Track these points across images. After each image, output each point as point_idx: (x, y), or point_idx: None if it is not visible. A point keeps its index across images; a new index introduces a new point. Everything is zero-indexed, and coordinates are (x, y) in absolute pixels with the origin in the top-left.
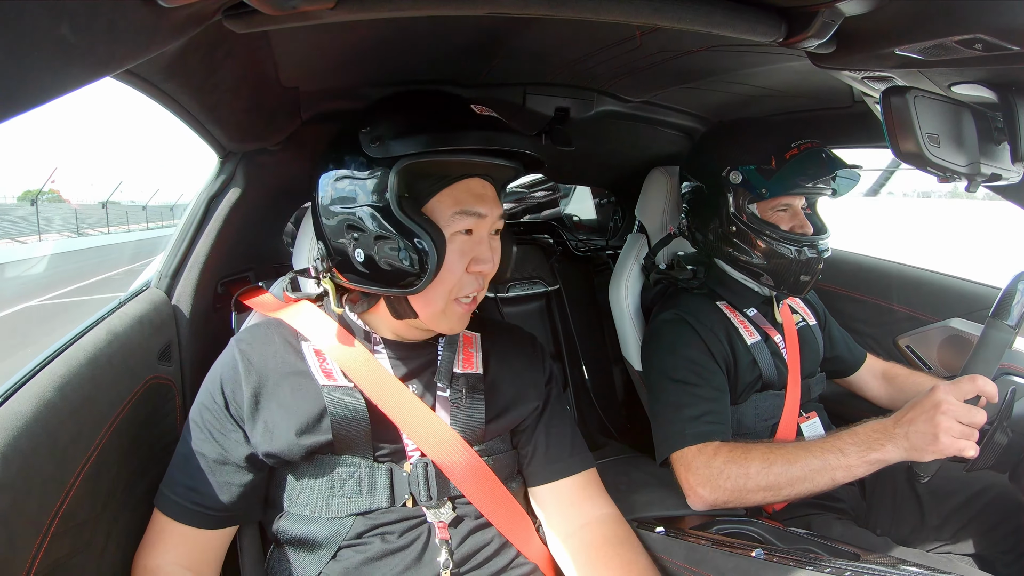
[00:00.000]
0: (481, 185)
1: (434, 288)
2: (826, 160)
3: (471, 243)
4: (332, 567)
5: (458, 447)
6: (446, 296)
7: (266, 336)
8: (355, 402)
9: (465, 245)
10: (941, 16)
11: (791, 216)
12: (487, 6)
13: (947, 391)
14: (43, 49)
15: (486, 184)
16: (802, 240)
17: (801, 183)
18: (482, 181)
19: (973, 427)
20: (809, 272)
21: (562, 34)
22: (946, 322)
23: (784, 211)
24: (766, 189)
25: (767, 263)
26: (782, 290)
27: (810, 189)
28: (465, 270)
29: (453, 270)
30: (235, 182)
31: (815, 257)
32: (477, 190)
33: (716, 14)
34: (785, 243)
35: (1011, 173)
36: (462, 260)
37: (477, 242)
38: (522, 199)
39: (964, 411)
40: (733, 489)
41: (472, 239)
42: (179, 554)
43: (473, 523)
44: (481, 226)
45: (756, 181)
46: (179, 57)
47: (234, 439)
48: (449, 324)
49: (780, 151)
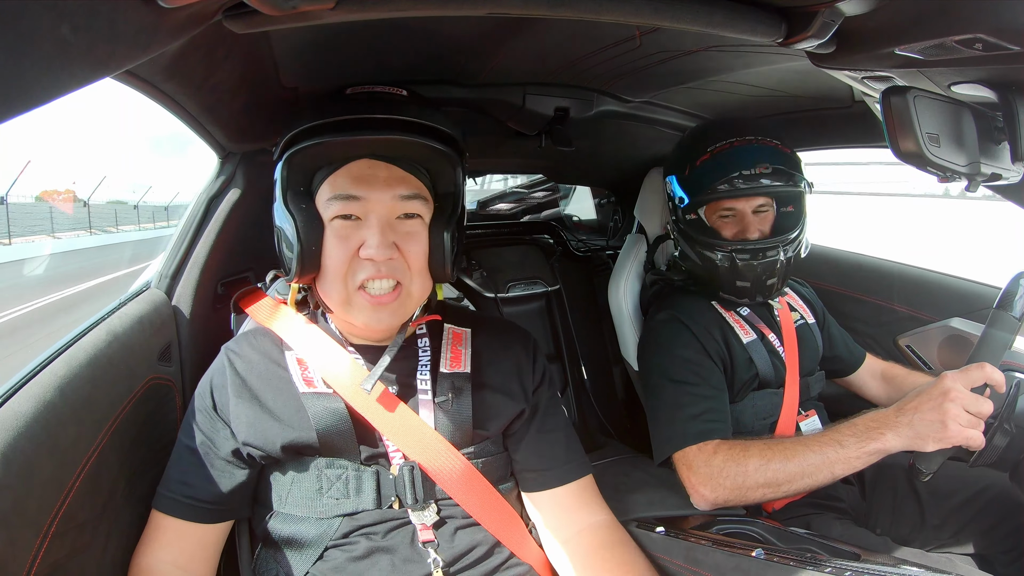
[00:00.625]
0: (368, 166)
1: (325, 277)
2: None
3: (354, 228)
4: (320, 567)
5: (442, 451)
6: (341, 284)
7: (252, 346)
8: (336, 408)
9: (346, 230)
10: (941, 16)
11: (736, 221)
12: (487, 6)
13: (955, 379)
14: (43, 49)
15: (376, 164)
16: (729, 245)
17: (713, 186)
18: (370, 162)
19: (980, 417)
20: (747, 278)
21: (562, 34)
22: (946, 322)
23: (729, 217)
24: (681, 197)
25: (702, 269)
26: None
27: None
28: (356, 256)
29: (331, 255)
30: (235, 182)
31: (750, 262)
32: (360, 172)
33: (716, 14)
34: (710, 250)
35: (1011, 173)
36: (343, 246)
37: (361, 226)
38: (522, 199)
39: (972, 400)
40: (733, 487)
41: (356, 224)
42: (173, 552)
43: (461, 523)
44: (366, 208)
45: (677, 190)
46: (179, 57)
47: (222, 435)
48: (363, 318)
49: (694, 158)
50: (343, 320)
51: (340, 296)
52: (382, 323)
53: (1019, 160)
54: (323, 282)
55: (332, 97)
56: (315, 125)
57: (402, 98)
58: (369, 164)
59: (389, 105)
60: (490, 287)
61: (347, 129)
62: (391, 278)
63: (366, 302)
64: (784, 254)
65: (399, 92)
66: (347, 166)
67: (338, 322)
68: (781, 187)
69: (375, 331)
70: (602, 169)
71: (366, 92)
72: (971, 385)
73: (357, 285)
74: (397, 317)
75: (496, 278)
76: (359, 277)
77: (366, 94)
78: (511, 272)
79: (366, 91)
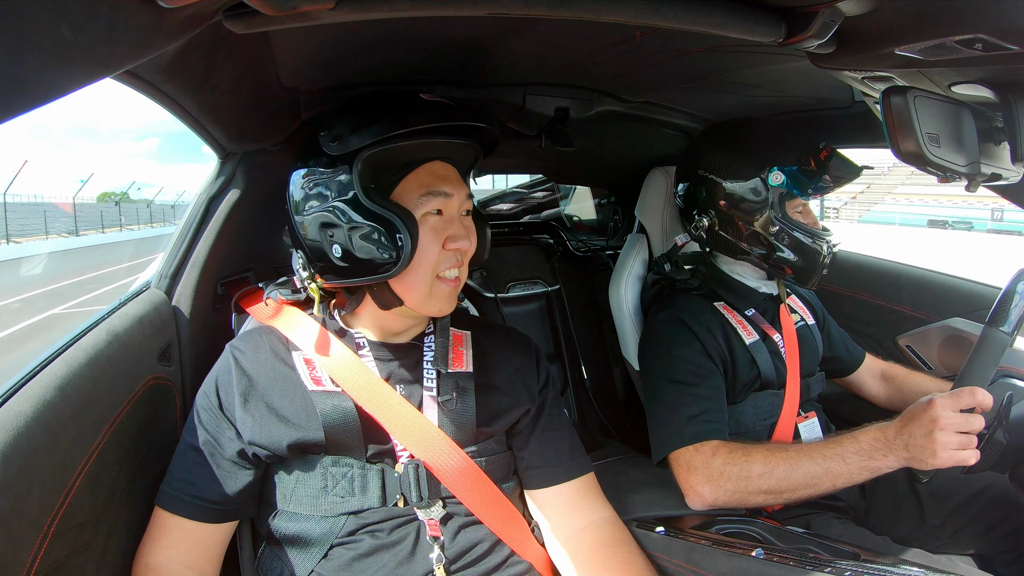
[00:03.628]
0: (443, 167)
1: (414, 270)
2: (848, 161)
3: (443, 222)
4: (324, 565)
5: (447, 449)
6: (428, 276)
7: (258, 344)
8: (344, 406)
9: (437, 224)
10: (941, 16)
11: (805, 215)
12: (487, 6)
13: (944, 405)
14: (43, 49)
15: (448, 166)
16: (824, 235)
17: (836, 182)
18: (443, 164)
19: (971, 434)
20: (828, 266)
21: (562, 34)
22: (946, 322)
23: (800, 211)
24: (812, 189)
25: (799, 259)
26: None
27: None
28: (442, 248)
29: (428, 249)
30: (235, 182)
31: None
32: (440, 172)
33: (716, 14)
34: (817, 240)
35: (1011, 173)
36: (436, 239)
37: (449, 221)
38: (522, 199)
39: (961, 421)
40: (734, 490)
41: (443, 219)
42: (179, 551)
43: (464, 520)
44: (450, 205)
45: (799, 181)
46: (179, 57)
47: (228, 436)
48: (438, 305)
49: (815, 151)
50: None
51: (425, 287)
52: (451, 306)
53: (1019, 160)
54: (409, 275)
55: (407, 101)
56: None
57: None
58: (444, 165)
59: (461, 112)
60: (490, 287)
61: (436, 133)
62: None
63: (446, 288)
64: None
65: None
66: (427, 166)
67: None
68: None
69: (440, 315)
70: (602, 169)
71: (438, 101)
72: (960, 408)
73: (437, 275)
74: (456, 299)
75: (496, 278)
76: (446, 265)
77: (439, 102)
78: (511, 272)
79: (437, 100)
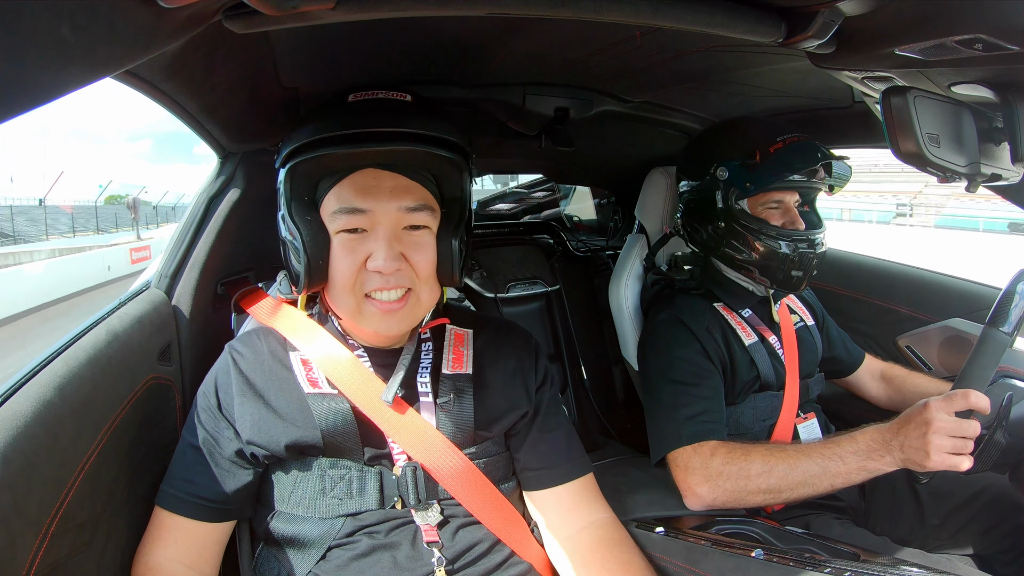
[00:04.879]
0: (372, 176)
1: (333, 288)
2: (811, 152)
3: (360, 241)
4: (322, 566)
5: (445, 451)
6: (349, 296)
7: (256, 346)
8: (341, 408)
9: (352, 243)
10: (941, 16)
11: (783, 212)
12: (487, 6)
13: (938, 408)
14: (43, 49)
15: (381, 174)
16: (792, 235)
17: (785, 176)
18: (375, 172)
19: (967, 439)
20: (802, 267)
21: (562, 34)
22: (946, 322)
23: (776, 208)
24: (750, 183)
25: (759, 259)
26: (777, 287)
27: (796, 183)
28: (363, 267)
29: (339, 269)
30: (235, 182)
31: (807, 252)
32: (365, 183)
33: (716, 14)
34: (777, 239)
35: (1011, 173)
36: (351, 258)
37: (371, 239)
38: (522, 199)
39: (956, 426)
40: (733, 490)
41: (363, 237)
42: (179, 550)
43: (462, 521)
44: (372, 221)
45: (741, 176)
46: (179, 57)
47: (226, 435)
48: (372, 325)
49: (764, 145)
50: (350, 325)
51: (349, 306)
52: (391, 330)
53: (1019, 160)
54: (331, 292)
55: (334, 105)
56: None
57: (406, 104)
58: (374, 174)
59: (394, 114)
60: (490, 287)
61: (352, 140)
62: (400, 287)
63: (376, 310)
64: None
65: (403, 97)
66: (352, 176)
67: (346, 324)
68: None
69: (385, 338)
70: (602, 169)
71: (369, 99)
72: (954, 411)
73: (365, 294)
74: (407, 323)
75: (496, 278)
76: (367, 287)
77: (370, 101)
78: (511, 272)
79: (369, 98)
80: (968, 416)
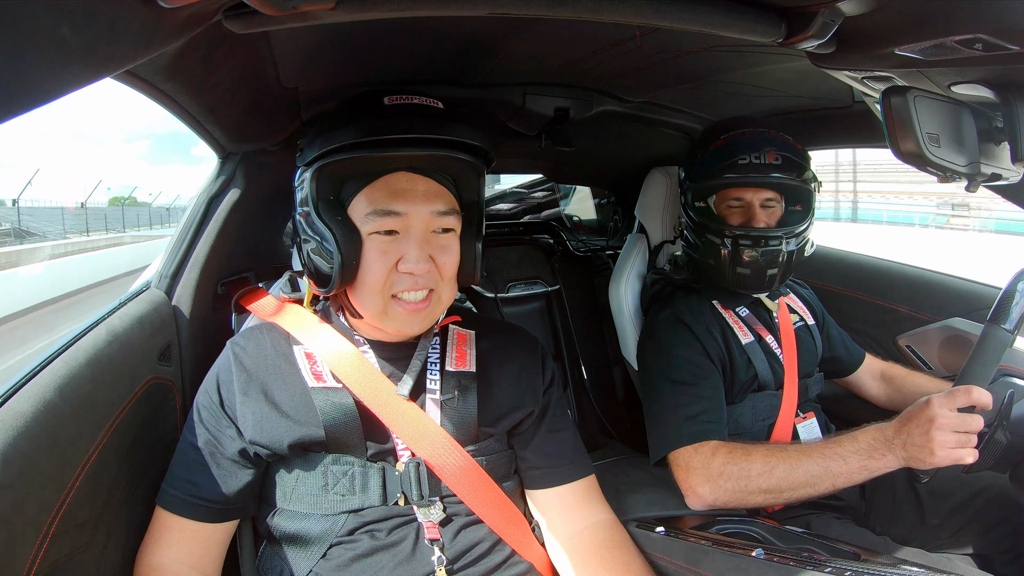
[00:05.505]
0: (406, 180)
1: (361, 288)
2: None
3: (393, 243)
4: (323, 565)
5: (448, 447)
6: (377, 296)
7: (259, 340)
8: (345, 403)
9: (386, 245)
10: (941, 16)
11: (743, 212)
12: (487, 6)
13: (941, 404)
14: (43, 49)
15: (414, 178)
16: (736, 232)
17: (718, 167)
18: (408, 175)
19: (970, 433)
20: (748, 265)
21: (562, 34)
22: (946, 322)
23: (737, 206)
24: (691, 180)
25: (708, 258)
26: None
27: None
28: (394, 269)
29: (372, 270)
30: (235, 182)
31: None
32: (399, 185)
33: (716, 14)
34: (721, 235)
35: (1011, 173)
36: (384, 260)
37: (403, 241)
38: (522, 199)
39: (959, 421)
40: (734, 490)
41: (395, 239)
42: (181, 550)
43: (465, 520)
44: (406, 224)
45: (690, 173)
46: (179, 57)
47: (228, 434)
48: (396, 325)
49: (707, 144)
50: (370, 324)
51: (376, 306)
52: (415, 329)
53: (1019, 160)
54: (359, 293)
55: (370, 107)
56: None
57: (441, 111)
58: (408, 178)
59: (434, 120)
60: (490, 287)
61: (392, 144)
62: (425, 288)
63: (402, 311)
64: (787, 246)
65: (436, 104)
66: (384, 178)
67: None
68: (788, 180)
69: (405, 335)
70: (602, 169)
71: (407, 103)
72: (957, 407)
73: (392, 294)
74: (428, 321)
75: (496, 278)
76: (399, 287)
77: (408, 106)
78: (511, 272)
79: (406, 102)
80: (971, 412)
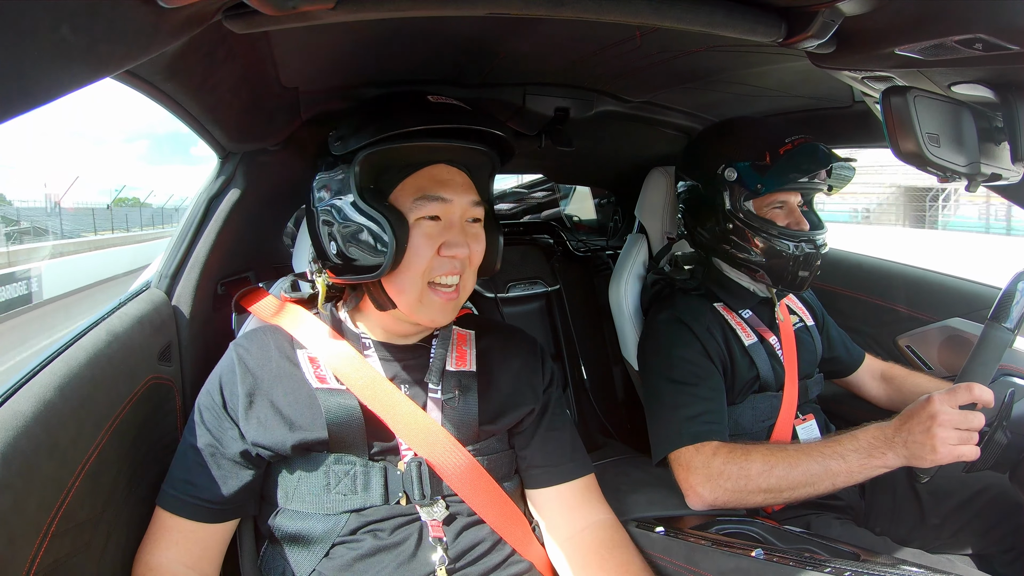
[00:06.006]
0: (447, 171)
1: (403, 274)
2: (820, 154)
3: (439, 228)
4: (325, 564)
5: (450, 447)
6: (418, 281)
7: (262, 342)
8: (348, 404)
9: (432, 230)
10: (941, 16)
11: (787, 213)
12: (487, 6)
13: (942, 401)
14: (43, 49)
15: (453, 170)
16: (799, 236)
17: (795, 178)
18: (448, 167)
19: (971, 431)
20: (807, 268)
21: (562, 34)
22: (946, 322)
23: (780, 208)
24: (761, 185)
25: (765, 260)
26: (780, 287)
27: (805, 184)
28: (436, 254)
29: (420, 254)
30: (235, 182)
31: (813, 252)
32: (441, 176)
33: (716, 14)
34: (782, 239)
35: (1011, 173)
36: (430, 244)
37: (446, 227)
38: (522, 199)
39: (960, 418)
40: (734, 490)
41: (440, 225)
42: (180, 551)
43: (466, 520)
44: (449, 211)
45: (751, 177)
46: (179, 57)
47: (230, 435)
48: (430, 315)
49: (774, 146)
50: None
51: (415, 293)
52: (446, 318)
53: (1019, 160)
54: (399, 279)
55: (416, 101)
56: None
57: (474, 112)
58: (448, 170)
59: (474, 117)
60: (490, 287)
61: (441, 135)
62: (460, 273)
63: (438, 298)
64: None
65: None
66: (428, 169)
67: (366, 319)
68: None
69: (433, 326)
70: (602, 169)
71: (446, 103)
72: (958, 404)
73: (429, 281)
74: (455, 311)
75: (496, 278)
76: (439, 271)
77: (451, 105)
78: (511, 272)
79: (446, 101)
80: (972, 410)
